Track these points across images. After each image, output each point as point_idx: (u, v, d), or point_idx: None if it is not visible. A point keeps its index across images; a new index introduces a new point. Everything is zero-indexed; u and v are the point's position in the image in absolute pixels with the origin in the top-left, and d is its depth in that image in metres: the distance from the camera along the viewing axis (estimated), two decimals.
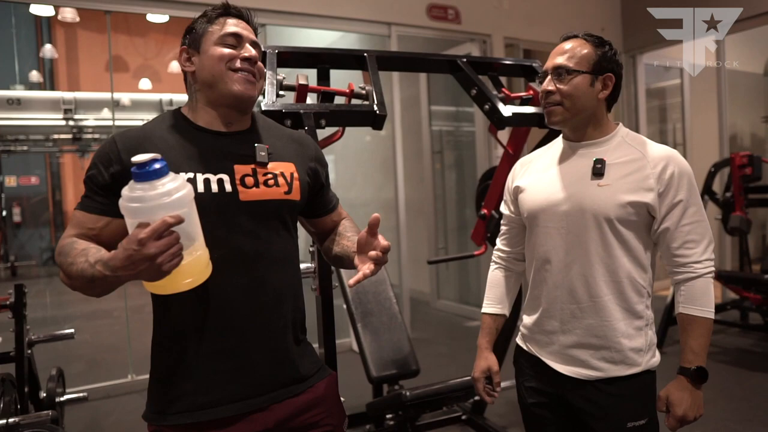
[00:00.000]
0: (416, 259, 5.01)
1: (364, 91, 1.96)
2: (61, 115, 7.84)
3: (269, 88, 1.78)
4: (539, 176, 1.44)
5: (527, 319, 1.48)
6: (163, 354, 1.16)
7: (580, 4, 5.54)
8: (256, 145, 1.19)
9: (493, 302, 1.58)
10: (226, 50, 1.16)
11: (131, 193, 0.92)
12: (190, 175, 1.11)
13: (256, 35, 1.23)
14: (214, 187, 1.12)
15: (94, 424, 3.30)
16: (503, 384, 1.65)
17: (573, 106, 1.34)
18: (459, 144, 5.87)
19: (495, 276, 1.60)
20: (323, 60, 2.03)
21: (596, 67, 1.33)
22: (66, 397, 2.88)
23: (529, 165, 1.51)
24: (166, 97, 8.56)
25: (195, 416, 1.11)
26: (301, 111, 1.74)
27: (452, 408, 2.83)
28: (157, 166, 0.91)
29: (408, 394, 2.27)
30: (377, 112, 1.86)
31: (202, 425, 1.12)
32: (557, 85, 1.34)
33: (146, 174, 0.91)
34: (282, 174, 1.20)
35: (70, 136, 8.17)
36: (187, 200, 0.95)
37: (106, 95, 7.93)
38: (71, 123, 7.93)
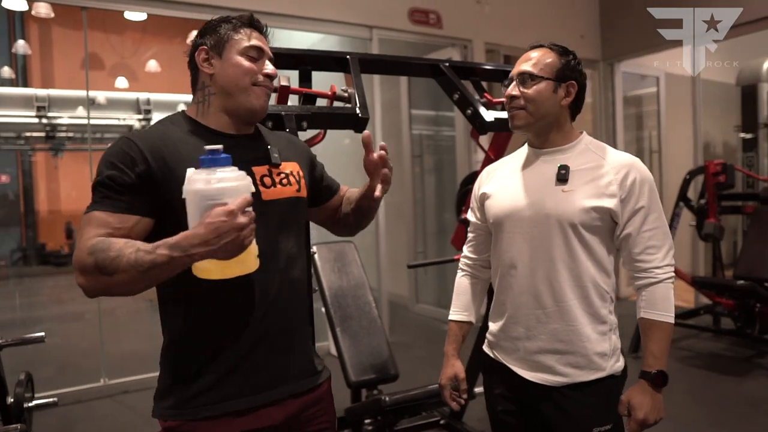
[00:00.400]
0: (395, 263, 5.00)
1: (346, 94, 1.95)
2: (33, 113, 7.67)
3: None
4: (505, 182, 1.46)
5: (493, 326, 1.49)
6: (186, 350, 1.17)
7: (560, 12, 5.60)
8: (269, 147, 1.26)
9: (460, 310, 1.58)
10: (253, 66, 1.21)
11: (209, 175, 0.97)
12: None
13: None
14: None
15: (64, 431, 3.22)
16: (477, 390, 1.65)
17: (536, 110, 1.37)
18: (439, 148, 5.88)
19: (461, 283, 1.61)
20: (305, 62, 2.01)
21: (559, 74, 1.37)
22: (35, 402, 2.79)
23: (495, 172, 1.53)
24: (143, 96, 8.43)
25: (220, 408, 1.14)
26: (283, 113, 1.72)
27: (431, 413, 2.82)
28: (224, 156, 0.98)
29: (387, 399, 2.26)
30: (359, 115, 1.85)
31: (228, 415, 1.15)
32: (521, 90, 1.37)
33: (222, 160, 0.98)
34: (291, 173, 1.28)
35: (43, 134, 8.00)
36: (251, 187, 1.02)
37: (81, 93, 7.77)
38: (44, 121, 7.76)
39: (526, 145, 1.48)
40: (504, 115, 2.19)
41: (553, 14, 5.53)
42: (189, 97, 1.28)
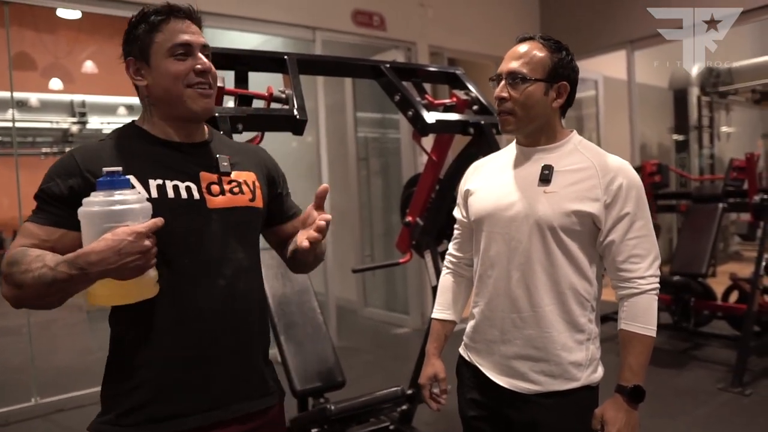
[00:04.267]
0: (342, 267, 4.95)
1: (284, 95, 1.89)
2: None
3: None
4: (489, 180, 1.41)
5: (469, 327, 1.44)
6: (124, 361, 1.11)
7: (501, 15, 5.69)
8: (218, 155, 1.19)
9: (443, 308, 1.53)
10: (180, 66, 1.11)
11: (108, 197, 0.95)
12: (159, 181, 1.09)
13: (201, 30, 1.17)
14: (183, 194, 1.11)
15: None
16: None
17: (526, 115, 1.30)
18: (385, 151, 5.87)
19: (446, 281, 1.56)
20: (241, 62, 1.94)
21: (551, 74, 1.29)
22: None
23: (481, 168, 1.47)
24: (77, 98, 8.05)
25: (163, 427, 1.08)
26: (217, 114, 1.65)
27: (380, 418, 2.78)
28: (123, 177, 0.97)
29: (333, 408, 2.21)
30: (297, 116, 1.80)
31: None
32: (511, 92, 1.29)
33: (121, 182, 0.96)
34: (245, 182, 1.21)
35: None
36: (150, 211, 1.00)
37: (5, 94, 7.35)
38: None
39: (514, 141, 1.42)
40: (445, 116, 2.19)
41: (495, 18, 5.61)
42: (128, 100, 1.23)
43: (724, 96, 7.79)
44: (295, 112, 1.80)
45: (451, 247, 1.57)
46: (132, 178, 1.06)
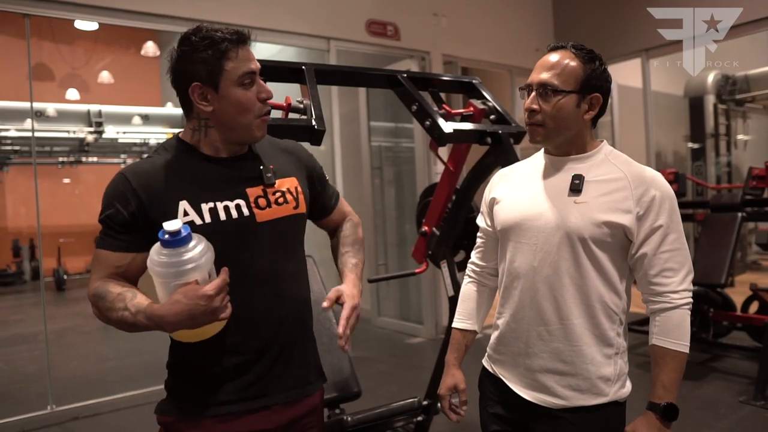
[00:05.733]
0: None
1: (302, 105, 1.89)
2: None
3: None
4: (516, 189, 1.38)
5: (493, 339, 1.41)
6: (191, 363, 1.23)
7: (515, 25, 5.70)
8: (261, 167, 1.26)
9: (464, 317, 1.51)
10: (248, 96, 1.18)
11: (172, 258, 1.02)
12: (211, 204, 1.17)
13: None
14: (234, 213, 1.19)
15: None
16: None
17: (556, 127, 1.27)
18: (398, 160, 5.87)
19: (468, 290, 1.53)
20: (259, 72, 1.94)
21: (584, 85, 1.26)
22: None
23: (507, 177, 1.45)
24: (94, 108, 8.16)
25: (213, 411, 1.20)
26: None
27: (395, 429, 2.76)
28: (184, 233, 1.02)
29: (349, 419, 2.19)
30: (315, 126, 1.80)
31: (222, 416, 1.20)
32: (541, 104, 1.26)
33: (182, 240, 1.02)
34: (288, 190, 1.28)
35: None
36: (213, 257, 1.08)
37: (25, 105, 7.47)
38: None
39: (542, 150, 1.39)
40: (462, 126, 2.18)
41: (509, 27, 5.61)
42: (144, 109, 1.23)
43: (741, 104, 7.72)
44: (314, 122, 1.80)
45: (474, 256, 1.54)
46: (185, 204, 1.15)
